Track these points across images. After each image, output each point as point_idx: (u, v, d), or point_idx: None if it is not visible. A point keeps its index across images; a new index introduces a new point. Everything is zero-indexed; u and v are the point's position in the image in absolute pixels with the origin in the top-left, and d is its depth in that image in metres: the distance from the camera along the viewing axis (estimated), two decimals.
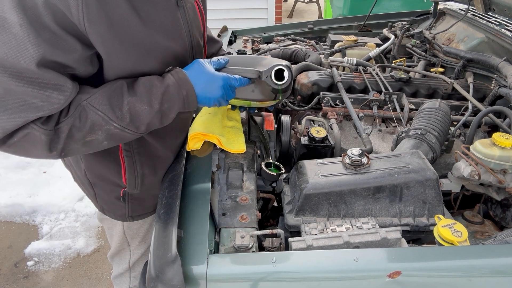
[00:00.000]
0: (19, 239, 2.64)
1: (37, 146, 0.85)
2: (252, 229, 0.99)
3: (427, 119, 1.35)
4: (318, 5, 7.68)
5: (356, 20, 2.71)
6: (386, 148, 1.46)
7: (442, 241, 0.92)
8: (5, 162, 3.26)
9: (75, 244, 2.60)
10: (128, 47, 0.89)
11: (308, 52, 2.03)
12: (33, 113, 0.81)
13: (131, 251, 1.39)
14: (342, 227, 0.99)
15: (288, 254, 0.90)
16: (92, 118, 0.87)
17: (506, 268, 0.87)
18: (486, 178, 1.15)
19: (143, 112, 0.92)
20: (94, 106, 0.87)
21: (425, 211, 1.06)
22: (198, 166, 1.14)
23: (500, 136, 1.14)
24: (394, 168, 1.07)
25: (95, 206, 1.30)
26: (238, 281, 0.85)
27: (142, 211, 1.26)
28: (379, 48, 2.15)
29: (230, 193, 1.11)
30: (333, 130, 1.44)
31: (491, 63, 1.73)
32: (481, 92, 1.72)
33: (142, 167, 1.13)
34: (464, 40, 2.03)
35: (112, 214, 1.27)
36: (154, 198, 1.23)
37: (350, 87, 1.72)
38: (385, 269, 0.84)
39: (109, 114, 0.88)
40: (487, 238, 1.13)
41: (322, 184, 1.05)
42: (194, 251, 0.85)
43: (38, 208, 2.87)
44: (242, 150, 1.21)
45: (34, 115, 0.81)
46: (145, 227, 1.32)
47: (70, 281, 2.36)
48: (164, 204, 0.94)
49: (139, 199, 1.22)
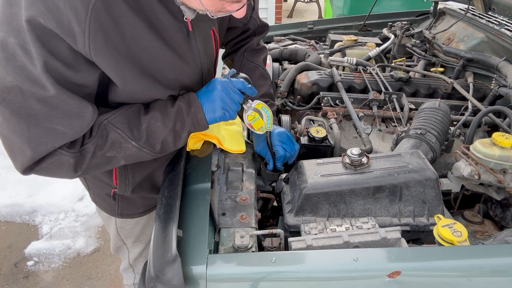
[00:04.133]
0: (19, 239, 2.64)
1: (64, 168, 0.89)
2: (251, 229, 0.99)
3: (427, 119, 1.35)
4: (318, 5, 7.68)
5: (356, 20, 2.71)
6: (386, 148, 1.46)
7: (442, 241, 0.92)
8: (5, 162, 3.25)
9: (75, 244, 2.60)
10: (138, 76, 0.91)
11: (308, 52, 2.03)
12: (59, 140, 0.84)
13: (128, 249, 1.42)
14: (342, 227, 0.99)
15: (288, 254, 0.90)
16: (112, 136, 0.92)
17: (506, 268, 0.87)
18: (486, 178, 1.15)
19: (157, 130, 0.96)
20: (114, 124, 0.92)
21: (425, 211, 1.06)
22: (198, 166, 1.14)
23: (500, 136, 1.14)
24: (394, 168, 1.07)
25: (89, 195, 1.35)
26: (238, 281, 0.85)
27: (131, 211, 1.28)
28: (379, 48, 2.15)
29: (229, 193, 1.11)
30: (333, 130, 1.44)
31: (491, 62, 1.73)
32: (481, 92, 1.72)
33: (134, 175, 1.15)
34: (464, 40, 2.03)
35: (103, 207, 1.31)
36: (144, 200, 1.25)
37: (350, 87, 1.72)
38: (385, 269, 0.84)
39: (127, 133, 0.92)
40: (487, 238, 1.13)
41: (322, 184, 1.05)
42: (193, 251, 0.85)
43: (38, 208, 2.87)
44: (242, 150, 1.21)
45: (60, 142, 0.84)
46: (138, 229, 1.34)
47: (70, 281, 2.36)
48: (164, 204, 0.94)
49: (129, 199, 1.23)
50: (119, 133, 0.92)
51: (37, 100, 0.80)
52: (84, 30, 0.77)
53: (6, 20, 0.76)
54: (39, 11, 0.73)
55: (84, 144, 0.89)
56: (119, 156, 0.95)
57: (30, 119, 0.81)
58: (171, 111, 0.97)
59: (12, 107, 0.80)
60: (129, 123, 0.93)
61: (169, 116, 0.97)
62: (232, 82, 1.02)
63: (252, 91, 1.05)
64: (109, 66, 0.85)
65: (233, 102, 1.02)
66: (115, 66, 0.86)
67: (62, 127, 0.83)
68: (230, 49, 1.39)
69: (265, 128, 1.11)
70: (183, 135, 1.01)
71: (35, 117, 0.81)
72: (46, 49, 0.77)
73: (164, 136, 0.97)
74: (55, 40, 0.77)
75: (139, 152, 0.96)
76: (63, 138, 0.84)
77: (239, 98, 1.03)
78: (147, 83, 0.93)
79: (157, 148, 0.98)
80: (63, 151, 0.86)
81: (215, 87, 1.01)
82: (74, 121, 0.84)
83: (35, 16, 0.73)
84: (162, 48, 0.91)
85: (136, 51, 0.87)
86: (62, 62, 0.79)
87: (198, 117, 1.00)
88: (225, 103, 1.00)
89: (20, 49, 0.76)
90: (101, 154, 0.92)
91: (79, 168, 0.91)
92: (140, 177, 1.16)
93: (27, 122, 0.81)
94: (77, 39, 0.78)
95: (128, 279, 1.53)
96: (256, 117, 1.09)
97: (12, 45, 0.76)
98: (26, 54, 0.76)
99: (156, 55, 0.91)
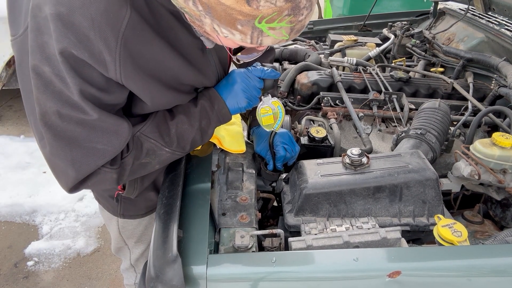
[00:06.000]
0: (19, 239, 2.63)
1: (108, 182, 0.94)
2: (252, 229, 0.99)
3: (427, 119, 1.35)
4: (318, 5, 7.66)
5: (356, 20, 2.71)
6: (386, 148, 1.46)
7: (442, 241, 0.92)
8: (5, 162, 3.26)
9: (75, 244, 2.60)
10: (164, 92, 0.94)
11: (308, 52, 2.03)
12: (101, 158, 0.87)
13: (130, 249, 1.42)
14: (342, 227, 0.99)
15: (288, 254, 0.90)
16: (146, 146, 0.96)
17: (506, 268, 0.87)
18: (486, 178, 1.15)
19: (185, 132, 1.00)
20: (147, 135, 0.95)
21: (425, 211, 1.06)
22: (198, 166, 1.14)
23: (500, 136, 1.14)
24: (394, 168, 1.07)
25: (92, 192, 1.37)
26: (238, 281, 0.85)
27: (134, 212, 1.29)
28: (379, 48, 2.15)
29: (230, 193, 1.11)
30: (333, 130, 1.44)
31: (491, 63, 1.73)
32: (481, 92, 1.73)
33: (143, 180, 1.16)
34: (464, 40, 2.03)
35: (106, 207, 1.32)
36: (147, 201, 1.26)
37: (350, 87, 1.72)
38: (385, 269, 0.84)
39: (160, 141, 0.96)
40: (487, 238, 1.13)
41: (322, 184, 1.05)
42: (194, 251, 0.85)
43: (38, 208, 2.87)
44: (242, 150, 1.21)
45: (102, 160, 0.87)
46: (140, 229, 1.34)
47: (70, 281, 2.36)
48: (164, 204, 0.94)
49: (132, 201, 1.24)
50: (152, 143, 0.96)
51: (76, 123, 0.83)
52: (115, 59, 0.79)
53: (38, 48, 0.78)
54: (71, 42, 0.75)
55: (124, 158, 0.93)
56: (154, 162, 0.99)
57: (71, 141, 0.84)
58: (195, 111, 1.01)
59: (53, 131, 0.83)
60: (160, 131, 0.97)
61: (194, 116, 1.00)
62: (251, 71, 1.05)
63: (274, 73, 1.07)
64: (138, 88, 0.88)
65: (254, 89, 1.05)
66: (144, 87, 0.89)
67: (102, 146, 0.86)
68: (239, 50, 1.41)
69: (272, 127, 1.12)
70: (210, 131, 1.05)
71: (76, 139, 0.84)
72: (80, 77, 0.79)
73: (193, 136, 1.01)
74: (88, 68, 0.79)
75: (172, 156, 1.01)
76: (104, 156, 0.87)
77: (259, 85, 1.06)
78: (172, 95, 0.97)
79: (187, 148, 1.02)
80: (107, 168, 0.90)
81: (235, 80, 1.04)
82: (112, 138, 0.87)
83: (67, 47, 0.75)
84: (184, 65, 0.94)
85: (163, 70, 0.90)
86: (96, 87, 0.82)
87: (223, 112, 1.03)
88: (247, 93, 1.04)
89: (55, 77, 0.78)
90: (137, 163, 0.96)
91: (121, 180, 0.95)
92: (148, 183, 1.18)
93: (69, 145, 0.84)
94: (109, 68, 0.80)
95: (129, 279, 1.54)
96: (268, 113, 1.10)
97: (48, 73, 0.78)
98: (62, 82, 0.79)
99: (179, 71, 0.94)
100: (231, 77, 1.06)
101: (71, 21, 0.74)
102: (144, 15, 0.81)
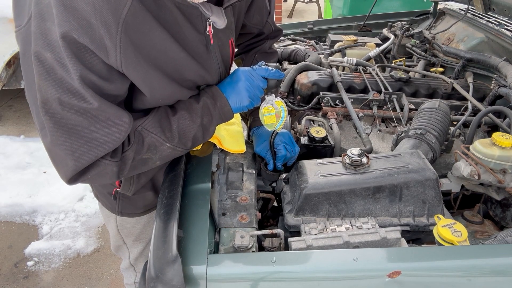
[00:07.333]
0: (19, 239, 2.64)
1: (108, 176, 0.94)
2: (252, 229, 0.99)
3: (427, 119, 1.35)
4: (318, 5, 7.68)
5: (356, 20, 2.71)
6: (386, 148, 1.46)
7: (442, 241, 0.92)
8: (5, 162, 3.26)
9: (75, 244, 2.60)
10: (165, 84, 0.94)
11: (308, 52, 2.03)
12: (100, 149, 0.86)
13: (128, 248, 1.42)
14: (342, 227, 0.99)
15: (288, 254, 0.90)
16: (148, 141, 0.95)
17: (506, 268, 0.87)
18: (486, 178, 1.15)
19: (187, 128, 0.99)
20: (148, 130, 0.95)
21: (425, 211, 1.06)
22: (198, 166, 1.14)
23: (500, 136, 1.14)
24: (393, 168, 1.07)
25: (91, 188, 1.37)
26: (238, 281, 0.85)
27: (132, 210, 1.30)
28: (379, 48, 2.15)
29: (230, 193, 1.11)
30: (333, 130, 1.44)
31: (491, 63, 1.73)
32: (481, 92, 1.72)
33: (139, 177, 1.15)
34: (464, 40, 2.03)
35: (104, 204, 1.32)
36: (145, 200, 1.26)
37: (350, 87, 1.72)
38: (385, 269, 0.84)
39: (161, 136, 0.96)
40: (487, 238, 1.13)
41: (322, 184, 1.05)
42: (194, 251, 0.85)
43: (38, 208, 2.87)
44: (242, 150, 1.21)
45: (101, 151, 0.87)
46: (138, 227, 1.35)
47: (70, 281, 2.36)
48: (164, 204, 0.94)
49: (130, 199, 1.24)
50: (154, 137, 0.96)
51: (77, 112, 0.82)
52: (116, 45, 0.79)
53: (41, 34, 0.78)
54: (72, 27, 0.75)
55: (124, 151, 0.93)
56: (155, 157, 0.99)
57: (71, 130, 0.84)
58: (197, 107, 1.01)
59: (54, 119, 0.83)
60: (161, 126, 0.97)
61: (196, 112, 1.01)
62: (256, 70, 1.05)
63: (278, 73, 1.06)
64: (139, 78, 0.88)
65: (257, 89, 1.05)
66: (145, 77, 0.89)
67: (102, 136, 0.86)
68: (242, 50, 1.42)
69: (274, 126, 1.12)
70: (211, 128, 1.05)
71: (76, 128, 0.84)
72: (81, 63, 0.79)
73: (194, 133, 1.01)
74: (89, 54, 0.79)
75: (174, 152, 1.00)
76: (104, 147, 0.87)
77: (263, 85, 1.06)
78: (173, 89, 0.97)
79: (188, 145, 1.02)
80: (107, 160, 0.90)
81: (239, 78, 1.04)
82: (112, 129, 0.86)
83: (68, 32, 0.75)
84: (187, 59, 0.94)
85: (165, 61, 0.90)
86: (97, 75, 0.82)
87: (225, 110, 1.03)
88: (250, 92, 1.04)
89: (57, 63, 0.78)
90: (139, 158, 0.96)
91: (121, 174, 0.95)
92: (145, 180, 1.18)
93: (69, 134, 0.84)
94: (109, 53, 0.80)
95: (129, 278, 1.54)
96: (271, 112, 1.10)
97: (50, 60, 0.79)
98: (63, 68, 0.79)
99: (181, 65, 0.94)
100: (235, 75, 1.06)
101: (73, 6, 0.74)
102: (147, 5, 0.81)
